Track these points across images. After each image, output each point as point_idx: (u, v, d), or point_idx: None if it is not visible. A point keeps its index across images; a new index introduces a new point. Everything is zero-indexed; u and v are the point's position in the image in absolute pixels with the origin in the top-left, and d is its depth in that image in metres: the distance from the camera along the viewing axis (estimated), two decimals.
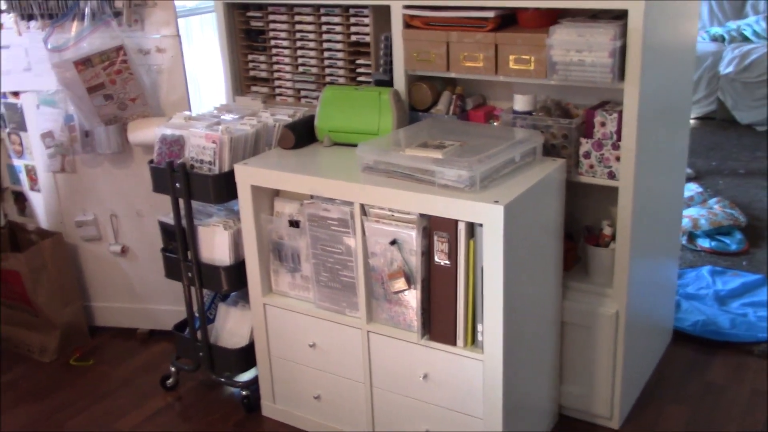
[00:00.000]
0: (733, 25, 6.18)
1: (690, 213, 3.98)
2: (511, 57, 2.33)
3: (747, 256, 3.70)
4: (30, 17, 2.91)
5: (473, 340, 2.20)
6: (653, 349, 2.89)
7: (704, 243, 3.79)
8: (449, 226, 2.10)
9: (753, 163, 5.01)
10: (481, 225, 2.04)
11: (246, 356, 2.70)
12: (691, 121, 5.94)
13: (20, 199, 3.30)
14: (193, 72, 4.27)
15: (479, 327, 2.16)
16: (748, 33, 6.03)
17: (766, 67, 5.63)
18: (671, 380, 2.81)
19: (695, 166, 4.88)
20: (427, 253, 2.17)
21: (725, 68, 5.78)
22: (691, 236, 3.86)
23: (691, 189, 4.32)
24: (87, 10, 2.74)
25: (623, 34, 2.16)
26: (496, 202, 2.00)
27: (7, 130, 3.19)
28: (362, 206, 2.24)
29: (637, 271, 2.46)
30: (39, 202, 3.24)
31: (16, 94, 3.08)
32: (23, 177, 3.24)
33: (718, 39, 6.12)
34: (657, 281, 2.76)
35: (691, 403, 2.68)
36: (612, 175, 2.31)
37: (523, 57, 2.31)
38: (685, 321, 3.11)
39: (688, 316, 3.15)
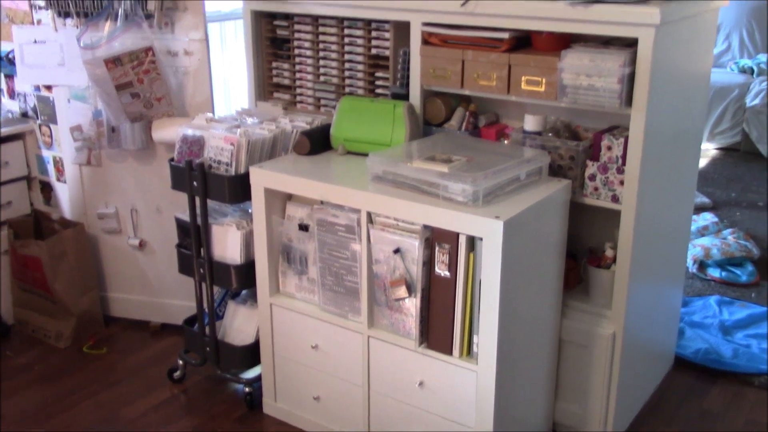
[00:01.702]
0: (763, 57, 6.18)
1: (703, 242, 4.00)
2: (524, 78, 2.39)
3: (757, 288, 3.70)
4: (66, 15, 3.03)
5: (469, 351, 2.25)
6: (652, 373, 2.92)
7: (715, 273, 3.80)
8: (451, 238, 2.16)
9: None
10: (481, 239, 2.10)
11: (251, 354, 2.78)
12: (715, 152, 5.95)
13: (46, 188, 3.42)
14: (226, 76, 4.37)
15: (475, 338, 2.22)
16: None
17: None
18: (668, 405, 2.83)
19: (714, 195, 4.88)
20: (429, 263, 2.23)
21: (752, 100, 5.78)
22: (702, 265, 3.87)
23: (707, 219, 4.33)
24: (120, 11, 2.85)
25: (633, 61, 2.21)
26: (497, 217, 2.05)
27: (39, 121, 3.31)
28: (369, 214, 2.31)
29: (637, 294, 2.49)
30: (64, 193, 3.36)
31: (49, 87, 3.21)
32: (51, 168, 3.36)
33: (746, 71, 6.12)
34: (658, 306, 2.79)
35: (685, 428, 2.70)
36: (615, 199, 2.36)
37: (535, 78, 2.37)
38: (687, 348, 3.13)
39: (691, 343, 3.17)
